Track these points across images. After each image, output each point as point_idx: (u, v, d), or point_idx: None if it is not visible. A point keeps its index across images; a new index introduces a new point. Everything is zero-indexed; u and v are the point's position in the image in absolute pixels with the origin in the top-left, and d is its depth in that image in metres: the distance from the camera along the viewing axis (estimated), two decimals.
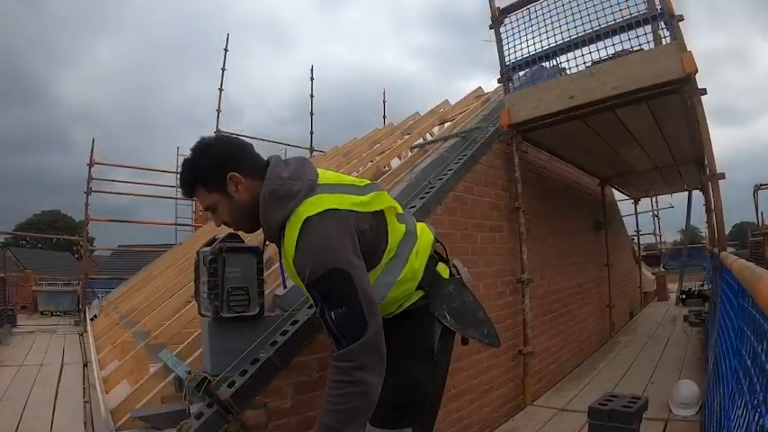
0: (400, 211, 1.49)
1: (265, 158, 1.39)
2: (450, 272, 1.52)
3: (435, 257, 1.50)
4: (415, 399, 1.39)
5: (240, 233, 1.75)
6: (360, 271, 1.21)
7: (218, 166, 1.30)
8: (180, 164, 1.46)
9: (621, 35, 3.09)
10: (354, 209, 1.28)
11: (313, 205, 1.23)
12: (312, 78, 10.63)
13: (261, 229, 1.38)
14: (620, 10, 3.05)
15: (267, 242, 1.58)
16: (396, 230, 1.40)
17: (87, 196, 8.01)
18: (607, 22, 3.10)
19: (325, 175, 1.37)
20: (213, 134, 6.54)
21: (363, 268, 1.24)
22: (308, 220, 1.21)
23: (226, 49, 9.60)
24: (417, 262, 1.41)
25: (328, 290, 1.19)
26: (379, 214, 1.36)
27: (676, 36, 2.85)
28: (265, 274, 2.01)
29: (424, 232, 1.51)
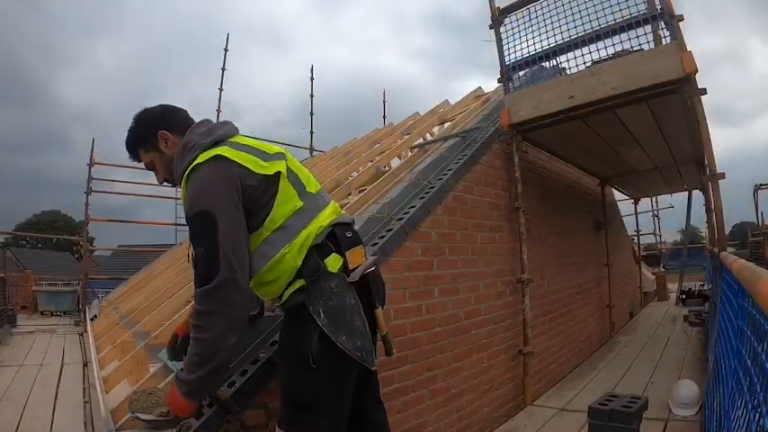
0: (313, 189, 1.44)
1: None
2: (344, 266, 1.35)
3: (329, 247, 1.36)
4: (304, 403, 1.32)
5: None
6: (229, 218, 1.25)
7: (151, 126, 1.44)
8: None
9: (621, 35, 3.09)
10: (245, 164, 1.31)
11: (205, 155, 1.31)
12: (312, 78, 10.63)
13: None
14: (620, 10, 3.06)
15: None
16: (287, 202, 1.34)
17: (87, 196, 7.99)
18: (607, 22, 3.10)
19: (244, 139, 1.43)
20: None
21: (237, 218, 1.27)
22: (196, 166, 1.30)
23: (226, 49, 9.59)
24: (300, 249, 1.32)
25: (194, 229, 1.28)
26: (273, 181, 1.33)
27: (676, 36, 2.85)
28: None
29: (326, 218, 1.40)
